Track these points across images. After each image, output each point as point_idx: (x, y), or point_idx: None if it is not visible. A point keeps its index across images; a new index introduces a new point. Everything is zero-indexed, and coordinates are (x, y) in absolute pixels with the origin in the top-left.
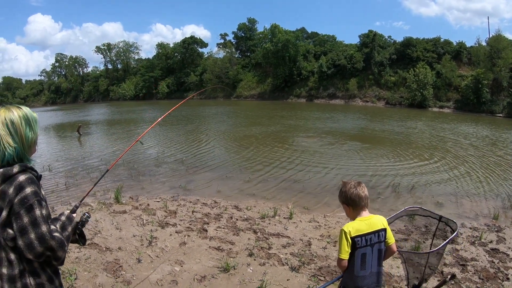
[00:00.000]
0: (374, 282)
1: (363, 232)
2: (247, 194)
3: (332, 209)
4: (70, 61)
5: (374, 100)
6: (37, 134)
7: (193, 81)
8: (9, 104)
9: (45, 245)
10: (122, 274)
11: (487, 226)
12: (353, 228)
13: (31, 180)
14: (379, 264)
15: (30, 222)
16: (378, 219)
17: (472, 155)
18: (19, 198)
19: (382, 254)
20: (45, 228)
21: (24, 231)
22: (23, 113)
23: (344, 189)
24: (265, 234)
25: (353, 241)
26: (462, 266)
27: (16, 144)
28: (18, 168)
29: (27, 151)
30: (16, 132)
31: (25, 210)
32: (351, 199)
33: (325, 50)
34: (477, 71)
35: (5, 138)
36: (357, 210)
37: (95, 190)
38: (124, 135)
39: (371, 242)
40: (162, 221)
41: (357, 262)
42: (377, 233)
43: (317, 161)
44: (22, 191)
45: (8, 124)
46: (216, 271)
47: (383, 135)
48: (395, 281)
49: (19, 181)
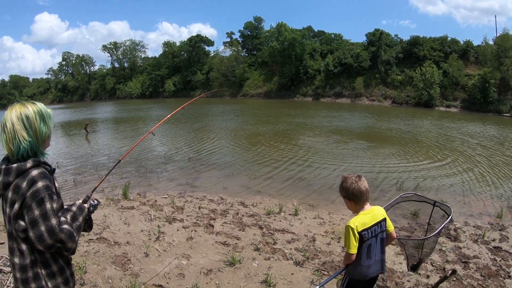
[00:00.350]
0: (378, 269)
1: (368, 225)
2: (253, 191)
3: (336, 206)
4: (77, 60)
5: (381, 99)
6: (51, 129)
7: (200, 79)
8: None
9: (54, 237)
10: (130, 267)
11: (491, 225)
12: (359, 223)
13: (43, 175)
14: (382, 252)
15: (41, 215)
16: (378, 210)
17: (478, 154)
18: (31, 192)
19: (384, 243)
20: (55, 221)
21: (34, 223)
22: (37, 108)
23: (345, 184)
24: (271, 230)
25: (360, 235)
26: (464, 263)
27: (30, 138)
28: (32, 163)
29: (41, 145)
30: (31, 126)
31: (36, 203)
32: (353, 194)
33: (332, 48)
34: (484, 70)
35: (20, 132)
36: (359, 204)
37: (103, 186)
38: (132, 133)
39: (375, 233)
40: (169, 216)
41: (364, 252)
42: (379, 223)
43: (323, 159)
44: (34, 185)
45: (23, 119)
46: (222, 265)
47: (390, 134)
48: (397, 276)
49: (31, 175)
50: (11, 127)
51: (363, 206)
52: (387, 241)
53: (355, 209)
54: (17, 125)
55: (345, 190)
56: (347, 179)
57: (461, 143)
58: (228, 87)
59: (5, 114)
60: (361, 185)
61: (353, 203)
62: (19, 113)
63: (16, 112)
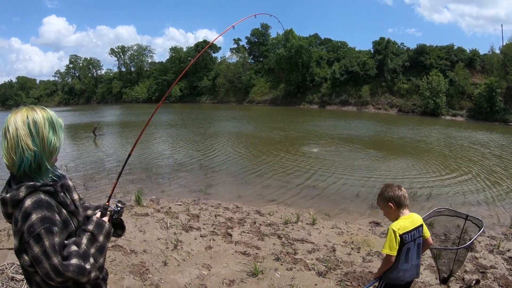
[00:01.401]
0: (414, 274)
1: (408, 229)
2: (267, 199)
3: (353, 216)
4: (85, 63)
5: (387, 107)
6: (61, 141)
7: (206, 85)
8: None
9: (61, 277)
10: (149, 277)
11: (504, 235)
12: (401, 227)
13: (38, 204)
14: (418, 257)
15: (41, 252)
16: (416, 216)
17: (488, 164)
18: (26, 227)
19: (421, 248)
20: (56, 260)
21: (38, 261)
22: (48, 115)
23: (389, 190)
24: (290, 240)
25: (401, 238)
26: (482, 273)
27: (36, 148)
28: (25, 192)
29: (47, 158)
30: (38, 133)
31: (33, 240)
32: (397, 198)
33: (338, 56)
34: (491, 79)
35: (24, 138)
36: (401, 209)
37: (115, 191)
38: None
39: (414, 238)
40: (185, 224)
41: (402, 256)
42: (417, 228)
43: (334, 168)
44: (28, 219)
45: (30, 123)
46: (245, 276)
47: (399, 143)
48: (419, 287)
49: (24, 207)
50: (15, 132)
51: (403, 211)
52: (424, 248)
53: (396, 214)
54: (22, 130)
55: (389, 196)
56: (391, 186)
57: (470, 152)
58: (235, 94)
59: (8, 117)
60: (403, 192)
61: (395, 208)
62: (25, 116)
63: (22, 116)
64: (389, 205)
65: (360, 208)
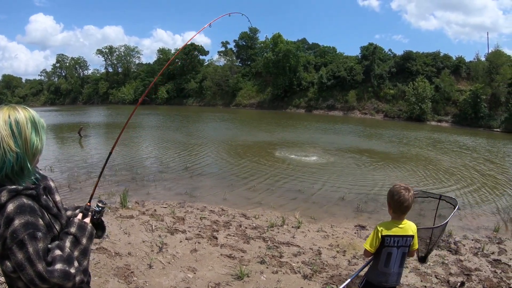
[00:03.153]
0: (394, 281)
1: (393, 234)
2: (253, 202)
3: (338, 219)
4: (71, 62)
5: (373, 112)
6: (43, 142)
7: (193, 88)
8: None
9: (46, 283)
10: (134, 280)
11: (489, 238)
12: (385, 227)
13: (21, 209)
14: (401, 266)
15: (25, 258)
16: (409, 225)
17: (471, 168)
18: (9, 233)
19: (405, 258)
20: (40, 266)
21: (22, 267)
22: (30, 114)
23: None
24: (275, 243)
25: (382, 239)
26: (466, 275)
27: (18, 149)
28: (7, 196)
29: (30, 160)
30: (21, 134)
31: (16, 246)
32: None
33: (326, 61)
34: (476, 86)
35: (6, 139)
36: (396, 213)
37: (99, 193)
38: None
39: (398, 244)
40: (171, 227)
41: (383, 259)
42: (406, 238)
43: (320, 172)
44: (11, 224)
45: (12, 123)
46: (230, 279)
47: (385, 148)
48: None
49: (7, 212)
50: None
51: (399, 216)
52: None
53: (392, 215)
54: (4, 130)
55: (390, 195)
56: (399, 188)
57: (453, 157)
58: (222, 97)
59: None
60: (404, 197)
61: (391, 209)
62: (7, 116)
63: (4, 115)
64: (388, 203)
65: (346, 211)
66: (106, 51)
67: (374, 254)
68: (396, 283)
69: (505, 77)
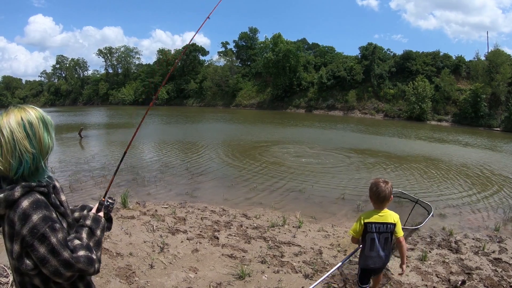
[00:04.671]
0: (379, 262)
1: (374, 221)
2: (254, 202)
3: (338, 219)
4: (71, 63)
5: (373, 112)
6: (54, 141)
7: (193, 88)
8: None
9: (72, 269)
10: (135, 280)
11: (489, 237)
12: (366, 216)
13: (36, 204)
14: (385, 250)
15: (48, 251)
16: (390, 214)
17: (471, 168)
18: (28, 230)
19: (389, 243)
20: (67, 254)
21: (44, 261)
22: (40, 114)
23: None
24: (276, 243)
25: (365, 225)
26: (467, 274)
27: (34, 150)
28: (21, 191)
29: (44, 159)
30: (35, 135)
31: (38, 241)
32: (375, 194)
33: (325, 61)
34: (476, 85)
35: (22, 142)
36: (375, 203)
37: (101, 193)
38: (127, 140)
39: (380, 231)
40: (172, 227)
41: (368, 244)
42: (386, 224)
43: (319, 172)
44: (29, 221)
45: (26, 125)
46: (232, 279)
47: (384, 148)
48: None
49: (22, 209)
50: (10, 135)
51: (378, 206)
52: (397, 245)
53: (373, 206)
54: (18, 132)
55: (370, 188)
56: (378, 182)
57: (453, 156)
58: (222, 97)
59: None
60: (381, 190)
61: (372, 200)
62: (19, 118)
63: (16, 117)
64: (369, 195)
65: (346, 211)
66: (106, 51)
67: (361, 240)
68: (382, 265)
69: (505, 76)
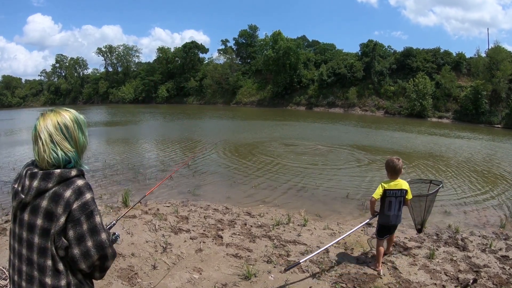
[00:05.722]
0: (395, 220)
1: (391, 188)
2: (257, 200)
3: (344, 217)
4: (71, 62)
5: (373, 109)
6: (87, 139)
7: (193, 86)
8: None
9: (102, 252)
10: (138, 282)
11: (495, 234)
12: (386, 184)
13: (89, 186)
14: (399, 210)
15: (89, 229)
16: (403, 182)
17: (475, 165)
18: (79, 204)
19: (402, 204)
20: (105, 235)
21: (82, 239)
22: (74, 116)
23: (391, 161)
24: (282, 241)
25: (384, 191)
26: (475, 272)
27: (74, 149)
28: (76, 172)
29: (80, 157)
30: (71, 137)
31: (85, 216)
32: (389, 167)
33: (326, 58)
34: (476, 82)
35: (62, 143)
36: (392, 175)
37: (101, 192)
38: (128, 138)
39: (396, 195)
40: (174, 226)
41: (386, 206)
42: (400, 190)
43: (322, 169)
44: (82, 196)
45: (63, 129)
46: (237, 279)
47: (387, 146)
48: (414, 287)
49: (77, 185)
50: (48, 138)
51: (394, 177)
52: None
53: (389, 177)
54: (57, 136)
55: (387, 164)
56: (392, 159)
57: (456, 154)
58: (222, 95)
59: (37, 124)
60: (396, 164)
61: (388, 173)
62: (55, 122)
63: (53, 121)
64: (386, 169)
65: (351, 208)
66: (106, 50)
67: (380, 203)
68: (397, 222)
69: (505, 73)
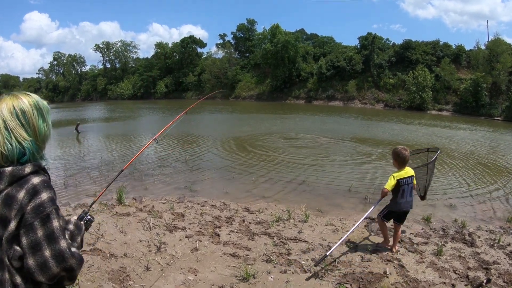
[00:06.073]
0: (408, 206)
1: (403, 177)
2: (256, 196)
3: (346, 212)
4: (69, 59)
5: (373, 102)
6: (50, 128)
7: (192, 81)
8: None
9: (63, 264)
10: (130, 284)
11: (503, 229)
12: (398, 175)
13: (47, 184)
14: (411, 196)
15: (46, 236)
16: (409, 170)
17: (479, 157)
18: (33, 206)
19: (412, 190)
20: (64, 243)
21: (37, 248)
22: (34, 101)
23: (398, 151)
24: (282, 239)
25: (397, 182)
26: (485, 269)
27: (30, 138)
28: (31, 168)
29: (40, 147)
30: (29, 123)
31: (40, 220)
32: (399, 157)
33: (324, 51)
34: (476, 75)
35: (17, 131)
36: (401, 164)
37: (96, 190)
38: (124, 134)
39: (407, 183)
40: (169, 224)
41: (400, 194)
42: (410, 177)
43: (324, 163)
44: (37, 196)
45: (19, 114)
46: (235, 280)
47: (384, 137)
48: (422, 286)
49: (32, 184)
50: (2, 124)
51: (402, 166)
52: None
53: (398, 167)
54: (11, 121)
55: (396, 154)
56: (400, 149)
57: (460, 146)
58: (220, 89)
59: None
60: (405, 154)
61: (397, 163)
62: (11, 106)
63: (8, 106)
64: (394, 159)
65: (354, 203)
66: (104, 46)
67: (393, 192)
68: (410, 207)
69: (505, 65)
